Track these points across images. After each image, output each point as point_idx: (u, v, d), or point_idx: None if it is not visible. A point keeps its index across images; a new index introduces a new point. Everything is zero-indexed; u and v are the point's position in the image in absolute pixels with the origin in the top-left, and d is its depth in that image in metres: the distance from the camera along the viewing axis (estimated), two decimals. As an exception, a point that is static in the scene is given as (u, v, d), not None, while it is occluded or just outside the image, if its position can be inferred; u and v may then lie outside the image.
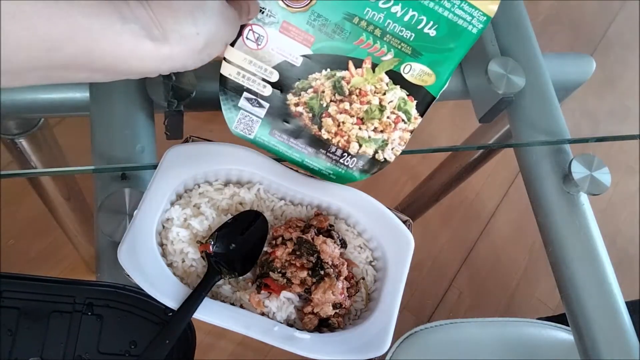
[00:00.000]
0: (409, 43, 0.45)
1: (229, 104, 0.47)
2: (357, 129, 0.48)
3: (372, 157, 0.49)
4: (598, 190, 0.61)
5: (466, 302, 1.19)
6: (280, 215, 0.54)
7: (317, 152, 0.49)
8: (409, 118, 0.47)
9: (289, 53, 0.45)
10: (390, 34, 0.44)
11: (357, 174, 0.51)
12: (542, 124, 0.68)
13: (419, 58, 0.45)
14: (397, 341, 0.73)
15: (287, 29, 0.44)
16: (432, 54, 0.45)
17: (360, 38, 0.44)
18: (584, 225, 0.62)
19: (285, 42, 0.44)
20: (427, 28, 0.44)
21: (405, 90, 0.46)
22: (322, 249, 0.50)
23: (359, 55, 0.45)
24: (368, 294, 0.53)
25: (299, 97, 0.47)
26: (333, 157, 0.50)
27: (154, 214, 0.49)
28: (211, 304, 0.47)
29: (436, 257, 1.24)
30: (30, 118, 0.70)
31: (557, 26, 1.66)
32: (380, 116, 0.47)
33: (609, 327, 0.59)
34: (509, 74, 0.66)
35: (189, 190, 0.53)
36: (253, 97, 0.47)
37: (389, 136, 0.48)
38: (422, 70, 0.46)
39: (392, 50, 0.45)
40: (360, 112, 0.47)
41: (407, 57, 0.45)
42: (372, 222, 0.54)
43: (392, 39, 0.44)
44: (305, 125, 0.48)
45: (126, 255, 0.47)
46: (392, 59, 0.45)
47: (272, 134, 0.49)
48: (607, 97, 1.57)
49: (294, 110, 0.47)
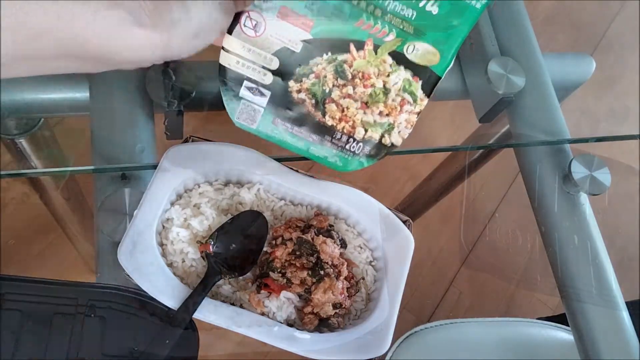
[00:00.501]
0: (411, 22, 0.43)
1: (230, 95, 0.46)
2: (362, 114, 0.47)
3: (379, 141, 0.48)
4: (598, 190, 0.61)
5: (466, 302, 1.19)
6: (280, 215, 0.54)
7: (322, 140, 0.48)
8: (415, 100, 0.46)
9: (288, 39, 0.43)
10: (391, 13, 0.43)
11: (364, 160, 0.49)
12: (542, 124, 0.68)
13: (422, 37, 0.44)
14: (397, 341, 0.73)
15: (285, 14, 0.42)
16: (436, 32, 0.43)
17: (361, 19, 0.43)
18: (584, 225, 0.62)
19: (284, 28, 0.43)
20: (429, 5, 0.43)
21: (410, 70, 0.45)
22: (322, 249, 0.50)
23: (361, 37, 0.44)
24: (368, 294, 0.53)
25: (300, 84, 0.46)
26: (339, 144, 0.48)
27: (154, 214, 0.49)
28: (211, 304, 0.47)
29: (436, 257, 1.24)
30: (30, 118, 0.70)
31: (557, 26, 1.66)
32: (385, 99, 0.46)
33: (609, 327, 0.59)
34: (509, 74, 0.66)
35: (189, 190, 0.53)
36: (254, 86, 0.45)
37: (395, 119, 0.47)
38: (426, 49, 0.44)
39: (394, 30, 0.43)
40: (364, 96, 0.46)
41: (410, 36, 0.44)
42: (372, 222, 0.54)
43: (393, 19, 0.43)
44: (309, 112, 0.47)
45: (126, 255, 0.47)
46: (395, 39, 0.44)
47: (275, 123, 0.47)
48: (607, 97, 1.57)
49: (296, 97, 0.46)
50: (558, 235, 0.62)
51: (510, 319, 0.78)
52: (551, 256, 0.62)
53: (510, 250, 0.60)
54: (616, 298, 0.59)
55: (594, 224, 0.62)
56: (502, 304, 1.16)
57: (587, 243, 0.62)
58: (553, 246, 0.61)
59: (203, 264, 0.50)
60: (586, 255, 0.61)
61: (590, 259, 0.61)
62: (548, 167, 0.65)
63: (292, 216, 0.53)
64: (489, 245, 0.61)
